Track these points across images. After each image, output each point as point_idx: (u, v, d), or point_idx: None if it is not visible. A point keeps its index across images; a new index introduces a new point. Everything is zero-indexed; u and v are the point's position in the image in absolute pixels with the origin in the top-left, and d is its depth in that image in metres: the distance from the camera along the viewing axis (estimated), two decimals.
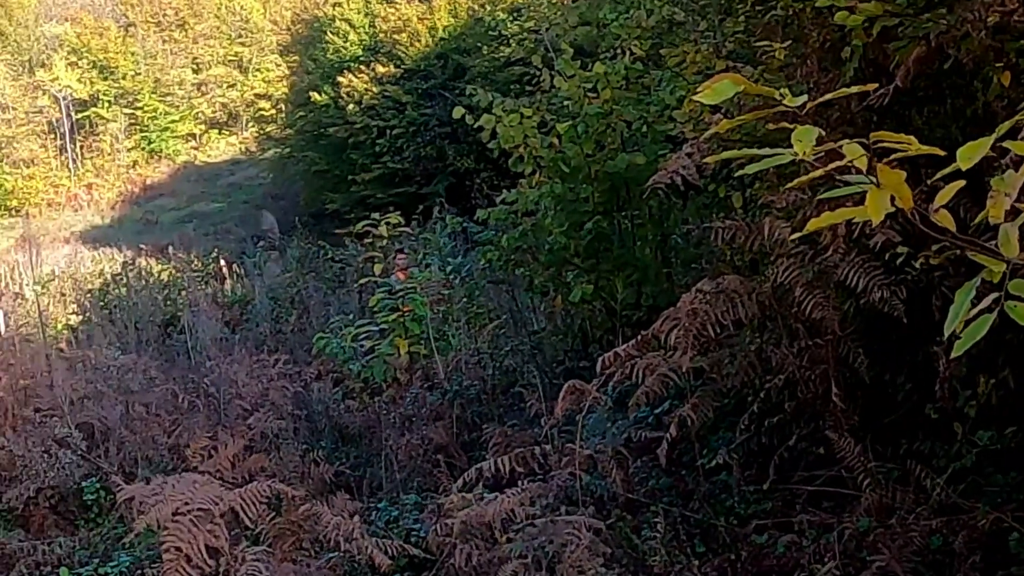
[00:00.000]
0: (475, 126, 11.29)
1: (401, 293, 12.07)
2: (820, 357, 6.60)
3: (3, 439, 11.96)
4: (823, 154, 2.09)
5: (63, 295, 25.20)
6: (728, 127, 2.60)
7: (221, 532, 7.16)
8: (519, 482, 7.50)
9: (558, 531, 6.48)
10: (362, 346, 12.48)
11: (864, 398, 6.67)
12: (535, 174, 11.34)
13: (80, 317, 21.06)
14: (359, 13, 42.19)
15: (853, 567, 5.75)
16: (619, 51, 11.77)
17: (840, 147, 2.07)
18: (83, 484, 11.07)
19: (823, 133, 2.11)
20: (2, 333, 18.89)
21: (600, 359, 7.23)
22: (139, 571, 8.73)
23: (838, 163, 2.08)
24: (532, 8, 15.15)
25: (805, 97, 2.19)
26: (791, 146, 2.09)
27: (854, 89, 2.64)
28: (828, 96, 2.45)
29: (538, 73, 11.89)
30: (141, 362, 14.72)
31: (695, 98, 2.41)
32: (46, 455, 11.46)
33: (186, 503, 7.34)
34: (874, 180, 2.03)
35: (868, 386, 6.56)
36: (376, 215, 13.53)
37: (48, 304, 21.41)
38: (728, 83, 2.23)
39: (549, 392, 9.67)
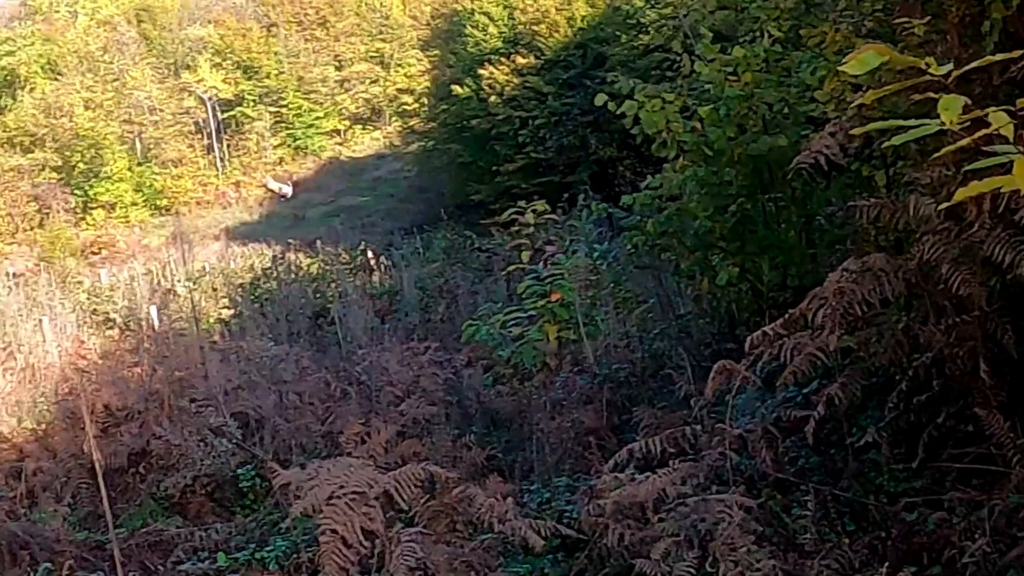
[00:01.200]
0: (617, 112, 11.29)
1: (549, 280, 12.14)
2: (967, 334, 6.54)
3: (161, 429, 12.28)
4: (968, 124, 2.12)
5: (214, 290, 25.71)
6: (874, 97, 2.61)
7: (376, 514, 7.30)
8: (670, 462, 7.52)
9: (709, 510, 6.52)
10: (511, 333, 12.55)
11: (1012, 375, 6.59)
12: (678, 158, 11.31)
13: (231, 311, 21.47)
14: (498, 6, 42.29)
15: (1004, 543, 5.70)
16: (758, 34, 11.69)
17: (986, 115, 2.10)
18: (239, 472, 11.27)
19: (969, 102, 2.14)
20: (156, 328, 19.38)
21: (748, 339, 7.25)
22: (295, 555, 8.92)
23: (984, 131, 2.10)
24: None
25: (951, 66, 2.21)
26: (936, 117, 2.13)
27: (998, 57, 2.66)
28: (972, 64, 2.46)
29: (678, 59, 11.90)
30: (293, 352, 15.01)
31: (841, 68, 2.42)
32: (202, 444, 11.73)
33: (341, 487, 7.50)
34: (1021, 149, 2.05)
35: (1016, 362, 6.48)
36: (523, 202, 13.61)
37: (200, 299, 21.89)
38: (873, 54, 2.27)
39: (698, 374, 9.64)
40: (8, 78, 69.88)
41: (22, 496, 11.92)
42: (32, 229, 56.16)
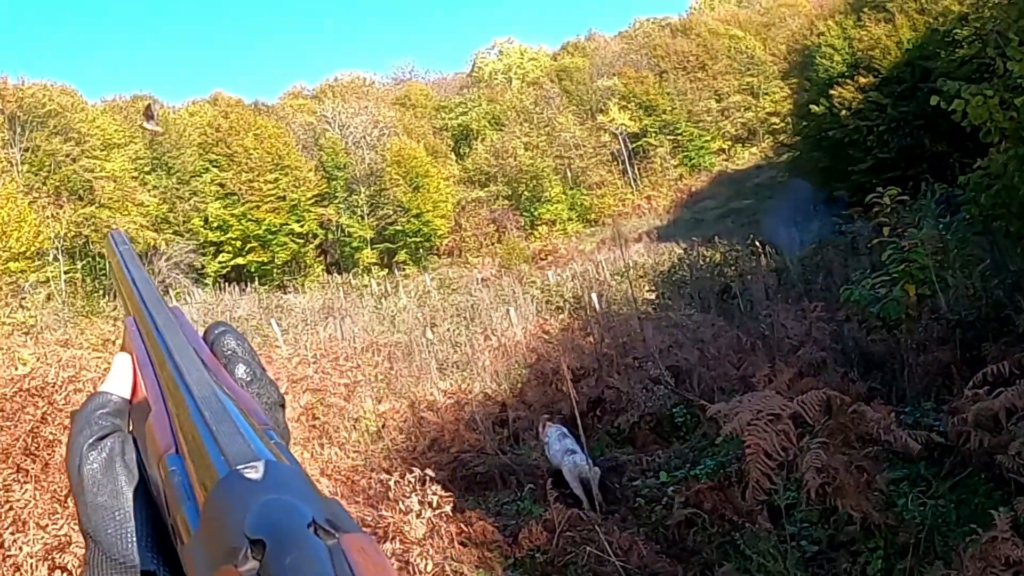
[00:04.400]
0: (948, 110, 11.21)
1: (907, 247, 11.96)
2: None
3: (612, 381, 12.80)
4: None
5: (640, 278, 26.28)
6: None
7: (789, 430, 7.46)
8: (1015, 382, 7.53)
9: None
10: (879, 293, 12.39)
11: None
12: (1001, 143, 11.19)
13: (653, 294, 21.90)
14: (839, 38, 41.94)
15: None
16: None
17: None
18: (673, 410, 11.63)
19: None
20: (598, 309, 20.00)
21: None
22: (721, 471, 9.17)
23: None
24: (978, 11, 14.85)
25: None
26: None
27: None
28: None
29: (991, 62, 11.71)
30: (707, 319, 15.24)
31: None
32: (644, 391, 12.15)
33: (759, 411, 7.72)
34: None
35: None
36: (880, 188, 13.45)
37: (628, 287, 22.41)
38: None
39: None
40: (464, 132, 73.24)
41: (507, 438, 12.66)
42: (492, 244, 58.63)
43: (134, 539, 0.65)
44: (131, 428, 0.73)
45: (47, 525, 6.59)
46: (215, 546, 0.45)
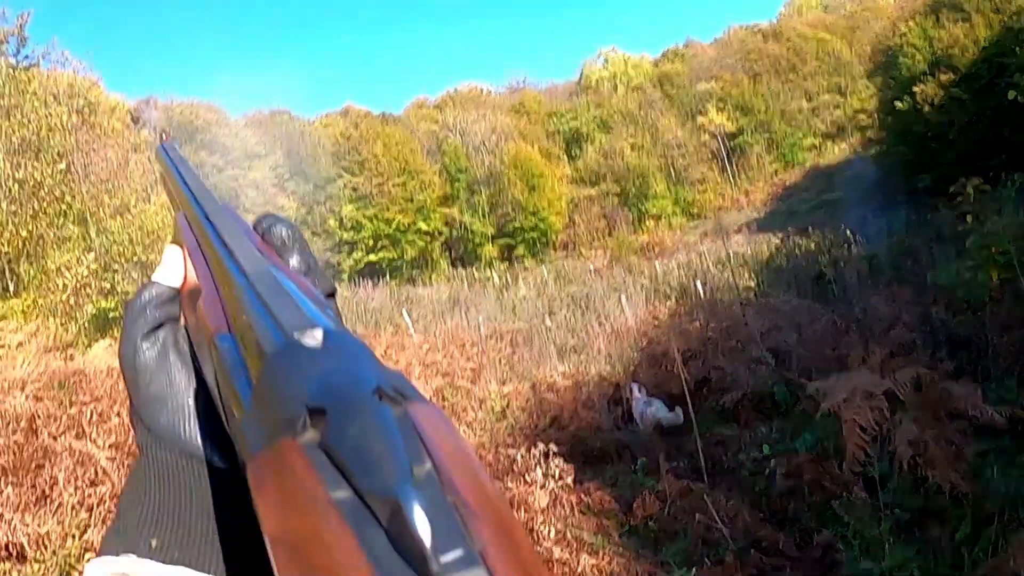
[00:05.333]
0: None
1: (989, 234, 11.72)
2: None
3: (718, 361, 12.77)
4: None
5: (740, 266, 26.03)
6: None
7: (882, 406, 7.41)
8: None
9: None
10: (964, 277, 12.17)
11: None
12: None
13: (753, 281, 21.68)
14: (920, 38, 41.07)
15: None
16: None
17: None
18: (774, 388, 11.54)
19: None
20: (702, 296, 19.94)
21: None
22: (819, 444, 9.13)
23: None
24: None
25: None
26: None
27: None
28: None
29: None
30: (804, 303, 15.08)
31: None
32: (747, 371, 12.10)
33: (854, 389, 7.68)
34: None
35: None
36: (963, 178, 13.19)
37: (729, 275, 22.24)
38: None
39: None
40: (575, 135, 73.17)
41: (621, 415, 12.73)
42: (604, 238, 58.68)
43: (187, 426, 0.62)
44: (183, 318, 0.69)
45: None
46: (270, 418, 0.39)
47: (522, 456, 8.32)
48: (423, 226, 62.13)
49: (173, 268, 0.70)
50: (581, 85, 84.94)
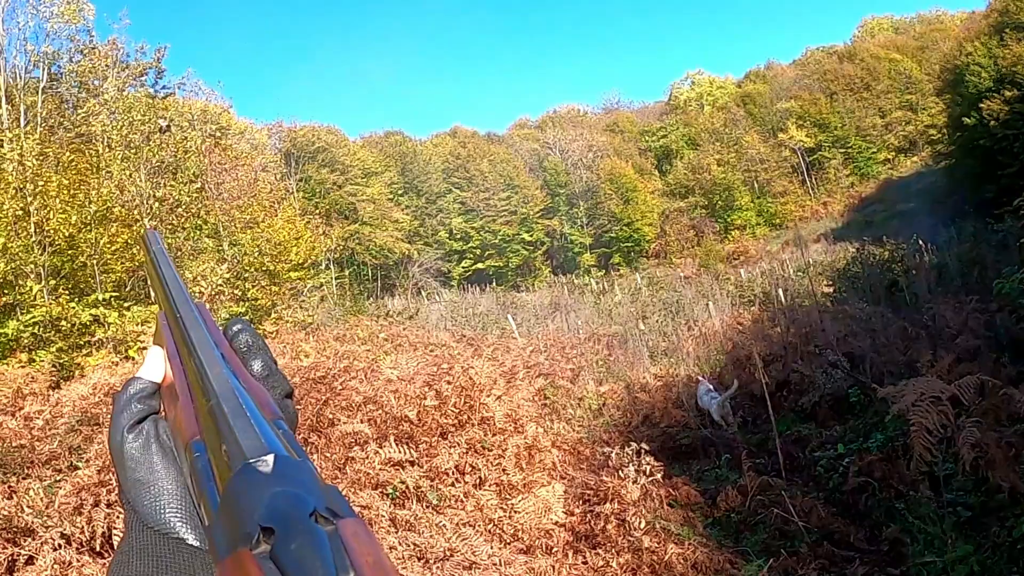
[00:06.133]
0: None
1: None
2: None
3: (796, 365, 12.70)
4: None
5: (819, 274, 25.66)
6: None
7: (948, 411, 7.37)
8: None
9: None
10: None
11: None
12: None
13: (831, 288, 21.37)
14: (985, 57, 40.04)
15: None
16: None
17: None
18: (848, 391, 11.39)
19: None
20: (783, 302, 19.73)
21: None
22: (889, 444, 9.06)
23: None
24: None
25: None
26: None
27: None
28: None
29: None
30: (878, 310, 14.85)
31: None
32: (824, 374, 11.99)
33: (922, 394, 7.64)
34: None
35: None
36: None
37: (808, 283, 21.96)
38: None
39: None
40: (665, 152, 72.98)
41: (708, 415, 12.71)
42: (692, 247, 58.38)
43: (166, 510, 0.66)
44: (163, 412, 0.74)
45: None
46: (232, 530, 0.46)
47: (616, 454, 8.46)
48: (526, 236, 62.71)
49: (155, 366, 0.76)
50: (670, 105, 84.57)
